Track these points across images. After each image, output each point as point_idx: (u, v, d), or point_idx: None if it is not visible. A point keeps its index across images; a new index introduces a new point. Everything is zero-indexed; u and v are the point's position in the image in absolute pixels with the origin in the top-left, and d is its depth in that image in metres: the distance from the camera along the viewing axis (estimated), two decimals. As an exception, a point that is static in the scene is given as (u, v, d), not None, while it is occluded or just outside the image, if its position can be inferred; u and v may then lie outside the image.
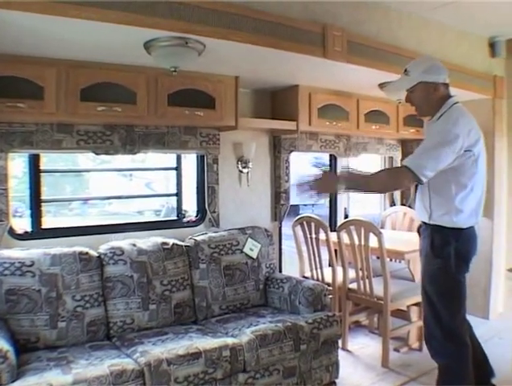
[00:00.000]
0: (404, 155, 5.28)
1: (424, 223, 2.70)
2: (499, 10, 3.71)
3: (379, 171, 2.68)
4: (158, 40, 2.58)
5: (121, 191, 6.98)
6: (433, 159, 2.40)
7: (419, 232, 2.84)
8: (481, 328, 3.49)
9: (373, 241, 3.63)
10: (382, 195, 5.34)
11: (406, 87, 2.66)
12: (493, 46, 4.55)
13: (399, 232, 4.83)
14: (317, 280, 4.09)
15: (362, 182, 2.55)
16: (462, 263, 2.59)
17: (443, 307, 2.61)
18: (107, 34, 2.47)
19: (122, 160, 4.03)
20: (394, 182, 2.54)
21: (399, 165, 2.40)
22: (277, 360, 2.92)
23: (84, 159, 5.24)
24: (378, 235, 3.55)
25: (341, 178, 2.60)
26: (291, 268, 4.52)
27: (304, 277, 4.25)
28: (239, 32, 2.68)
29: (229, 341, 2.79)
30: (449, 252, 2.54)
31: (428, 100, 2.62)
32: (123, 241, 3.23)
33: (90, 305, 2.92)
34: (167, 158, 3.95)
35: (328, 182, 2.57)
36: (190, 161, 3.94)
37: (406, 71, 2.65)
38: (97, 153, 3.31)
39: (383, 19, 3.50)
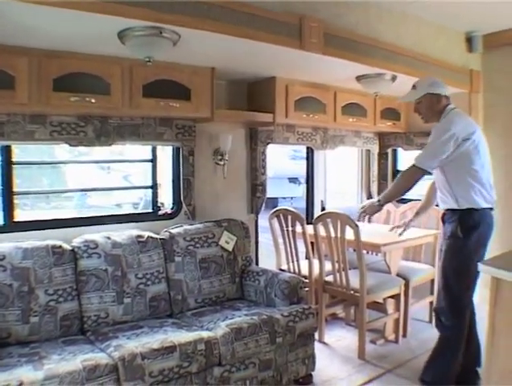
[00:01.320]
0: (381, 148, 5.32)
1: (451, 209, 3.02)
2: (476, 5, 3.72)
3: (399, 175, 3.15)
4: (132, 30, 2.54)
5: (98, 184, 6.87)
6: (433, 152, 2.92)
7: (443, 219, 3.16)
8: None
9: (349, 234, 3.64)
10: (359, 187, 5.38)
11: (415, 97, 3.11)
12: (469, 41, 4.57)
13: (376, 224, 4.85)
14: (294, 272, 4.10)
15: (393, 191, 3.16)
16: (481, 246, 2.97)
17: (456, 283, 2.99)
18: (80, 22, 2.41)
19: (100, 152, 3.96)
20: (409, 179, 3.03)
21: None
22: (253, 353, 2.91)
23: (62, 151, 5.14)
24: (355, 227, 3.56)
25: (379, 197, 3.21)
26: (268, 260, 4.51)
27: (281, 269, 4.24)
28: (215, 22, 2.64)
29: (204, 334, 2.77)
30: (474, 235, 2.92)
31: (433, 109, 3.08)
32: (97, 234, 3.18)
33: (63, 300, 2.87)
34: (146, 150, 3.89)
35: (372, 205, 3.23)
36: (167, 153, 3.90)
37: (414, 86, 3.14)
38: (70, 145, 3.25)
39: (362, 12, 3.48)
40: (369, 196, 5.30)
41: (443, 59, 4.20)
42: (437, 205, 3.33)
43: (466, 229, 2.92)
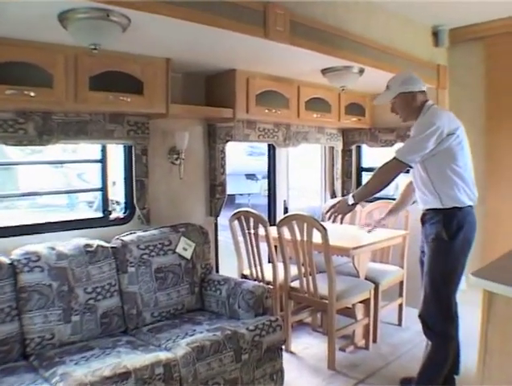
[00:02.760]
0: (345, 145, 5.13)
1: (433, 209, 2.89)
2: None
3: (376, 170, 2.90)
4: (75, 12, 2.20)
5: (51, 183, 6.55)
6: (417, 146, 2.75)
7: (423, 220, 3.02)
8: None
9: (316, 237, 3.41)
10: (322, 185, 5.18)
11: (389, 99, 3.01)
12: (436, 35, 4.48)
13: (341, 225, 4.64)
14: (257, 278, 3.86)
15: (369, 187, 2.92)
16: (467, 246, 2.87)
17: (444, 285, 2.86)
18: (14, 3, 2.07)
19: (53, 150, 3.62)
20: (389, 173, 2.84)
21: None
22: (217, 373, 2.64)
23: (14, 149, 4.80)
24: (322, 231, 3.33)
25: (353, 195, 2.93)
26: (228, 261, 4.25)
27: (243, 275, 4.00)
28: (170, 6, 2.32)
29: (163, 356, 2.48)
30: (460, 235, 2.80)
31: (409, 108, 2.95)
32: (40, 245, 2.82)
33: (1, 321, 2.50)
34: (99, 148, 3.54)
35: (344, 203, 2.96)
36: (120, 150, 3.57)
37: (387, 87, 3.01)
38: (7, 144, 2.89)
39: (329, 2, 3.25)
40: (333, 195, 5.11)
41: (411, 53, 4.04)
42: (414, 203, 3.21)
43: (451, 231, 2.80)
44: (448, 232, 2.80)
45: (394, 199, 3.68)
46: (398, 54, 3.84)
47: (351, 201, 2.91)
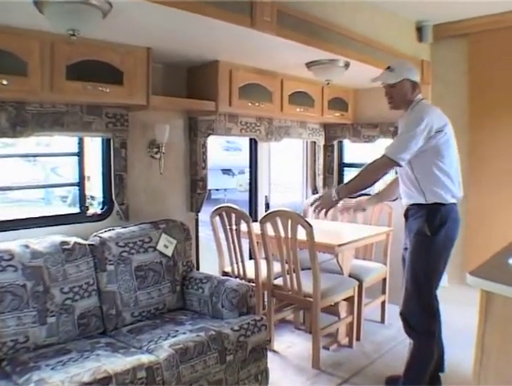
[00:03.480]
0: (327, 140, 5.06)
1: (417, 204, 2.86)
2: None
3: (365, 166, 2.86)
4: (52, -5, 2.07)
5: (23, 177, 6.34)
6: (407, 143, 2.69)
7: (406, 215, 3.00)
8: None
9: (300, 234, 3.33)
10: (304, 181, 5.11)
11: (394, 80, 2.87)
12: (420, 30, 4.48)
13: (323, 221, 4.59)
14: (238, 275, 3.77)
15: (356, 183, 2.86)
16: (449, 242, 2.83)
17: (426, 282, 2.83)
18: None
19: (26, 142, 3.40)
20: (378, 170, 2.79)
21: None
22: (200, 376, 2.53)
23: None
24: (308, 228, 3.25)
25: (337, 189, 2.89)
26: (209, 258, 4.15)
27: (224, 272, 3.90)
28: (153, -9, 2.21)
29: (145, 359, 2.36)
30: (442, 231, 2.76)
31: (406, 96, 2.89)
32: (13, 242, 2.67)
33: (-29, 324, 2.37)
34: (75, 142, 3.38)
35: (329, 198, 2.91)
36: (98, 143, 3.43)
37: (389, 68, 2.92)
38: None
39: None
40: (315, 190, 5.04)
41: (396, 48, 4.01)
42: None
43: (433, 226, 2.77)
44: (431, 228, 2.77)
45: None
46: (383, 48, 3.80)
47: (335, 197, 2.85)
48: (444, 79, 4.60)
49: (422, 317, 2.84)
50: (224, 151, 12.42)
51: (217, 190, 12.37)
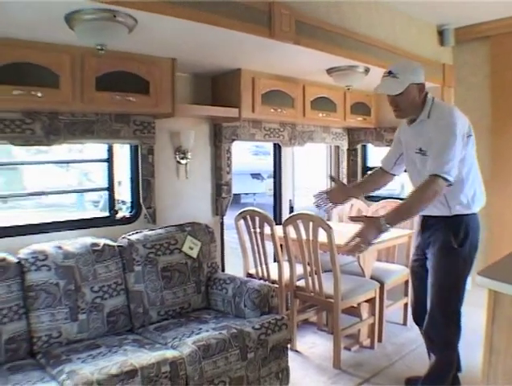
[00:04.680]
0: (351, 144, 5.13)
1: (439, 216, 2.70)
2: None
3: (412, 192, 2.56)
4: (82, 13, 2.22)
5: (57, 182, 6.57)
6: (452, 156, 2.44)
7: (423, 226, 2.84)
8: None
9: (321, 236, 3.41)
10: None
11: (399, 90, 2.59)
12: (441, 34, 4.50)
13: (347, 224, 4.66)
14: (262, 277, 3.86)
15: (404, 211, 2.55)
16: (474, 251, 2.72)
17: (454, 294, 2.72)
18: (21, 5, 2.09)
19: (59, 149, 3.63)
20: (434, 194, 2.47)
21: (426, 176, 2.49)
22: (222, 372, 2.65)
23: (19, 150, 4.84)
24: (328, 230, 3.33)
25: (388, 219, 2.47)
26: (234, 261, 4.26)
27: (249, 274, 4.00)
28: (176, 6, 2.34)
29: (169, 354, 2.49)
30: (467, 241, 2.65)
31: (415, 102, 2.65)
32: (47, 243, 2.85)
33: (8, 320, 2.53)
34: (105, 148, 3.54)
35: (373, 229, 2.46)
36: (127, 149, 3.58)
37: (391, 73, 2.62)
38: (15, 144, 2.91)
39: (334, 1, 3.26)
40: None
41: (416, 52, 4.04)
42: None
43: (459, 238, 2.65)
44: (457, 239, 2.65)
45: (400, 199, 3.67)
46: (403, 53, 3.83)
47: (385, 227, 2.44)
48: (467, 82, 4.62)
49: (447, 331, 2.75)
50: (253, 155, 12.53)
51: (247, 194, 12.46)
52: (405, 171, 3.01)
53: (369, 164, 5.25)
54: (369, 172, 3.28)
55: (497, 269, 2.04)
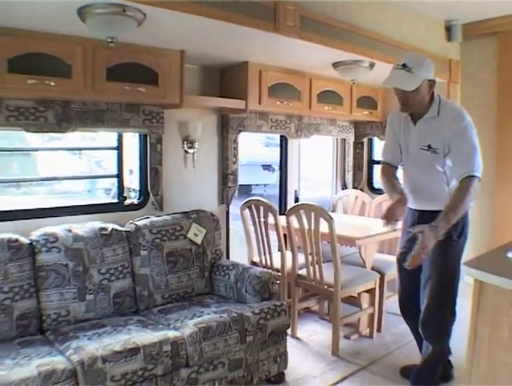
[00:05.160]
0: (357, 137, 5.20)
1: (438, 211, 2.61)
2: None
3: (455, 197, 2.57)
4: (93, 7, 2.33)
5: (69, 170, 6.70)
6: (479, 156, 2.58)
7: (421, 220, 2.76)
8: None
9: (323, 226, 3.51)
10: (334, 177, 5.27)
11: (414, 86, 2.56)
12: (449, 30, 4.54)
13: (351, 216, 4.75)
14: (266, 265, 3.97)
15: (453, 216, 2.52)
16: (466, 242, 2.82)
17: (454, 285, 2.81)
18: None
19: (72, 136, 3.72)
20: (471, 195, 2.55)
21: (461, 178, 2.56)
22: (222, 353, 2.77)
23: (32, 136, 4.98)
24: (329, 220, 3.43)
25: (441, 225, 2.46)
26: (241, 249, 4.37)
27: (253, 262, 4.11)
28: (183, 1, 2.44)
29: (170, 334, 2.62)
30: (464, 233, 2.76)
31: (424, 98, 2.66)
32: (58, 227, 2.98)
33: (20, 298, 2.66)
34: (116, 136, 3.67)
35: (433, 238, 2.43)
36: (136, 140, 3.70)
37: (406, 67, 2.55)
38: (28, 131, 3.03)
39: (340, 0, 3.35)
40: (344, 186, 5.19)
41: (422, 48, 4.09)
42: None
43: (458, 230, 2.72)
44: (456, 232, 2.70)
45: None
46: (410, 48, 3.88)
47: (441, 234, 2.45)
48: (474, 78, 4.67)
49: (445, 321, 2.83)
50: (264, 147, 12.59)
51: (257, 185, 12.54)
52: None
53: (375, 157, 5.32)
54: (386, 174, 3.01)
55: (483, 261, 2.13)
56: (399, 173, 3.04)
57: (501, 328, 1.91)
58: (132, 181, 3.80)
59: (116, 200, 3.67)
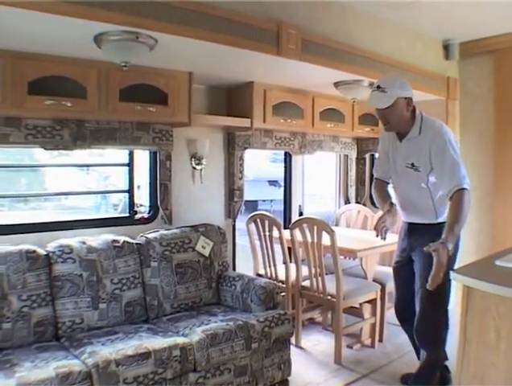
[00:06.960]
0: (359, 153, 5.35)
1: (426, 224, 2.88)
2: (453, 14, 3.81)
3: (453, 211, 2.65)
4: (108, 34, 2.52)
5: (77, 185, 6.83)
6: (462, 168, 2.71)
7: (409, 232, 3.03)
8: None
9: (326, 239, 3.65)
10: (337, 192, 5.41)
11: (388, 104, 2.72)
12: (446, 48, 4.67)
13: (353, 229, 4.89)
14: (271, 277, 4.10)
15: (458, 229, 2.62)
16: (457, 253, 2.84)
17: (447, 294, 2.88)
18: (56, 26, 2.37)
19: (80, 154, 3.91)
20: (467, 206, 2.65)
21: (452, 191, 2.68)
22: (228, 359, 2.91)
23: (41, 152, 5.12)
24: (331, 233, 3.57)
25: (450, 241, 2.54)
26: (247, 263, 4.51)
27: (258, 274, 4.25)
28: (192, 28, 2.63)
29: (179, 340, 2.76)
30: (455, 245, 2.69)
31: (403, 116, 2.79)
32: (72, 239, 3.15)
33: (37, 305, 2.83)
34: (125, 153, 3.83)
35: (446, 255, 2.49)
36: (146, 155, 3.87)
37: (380, 88, 2.73)
38: (46, 149, 3.21)
39: (339, 18, 3.52)
40: (347, 201, 5.33)
41: (421, 66, 4.26)
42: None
43: None
44: None
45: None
46: (408, 67, 4.04)
47: (451, 247, 2.52)
48: (472, 94, 4.78)
49: (438, 329, 2.93)
50: (271, 163, 12.74)
51: (264, 201, 12.67)
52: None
53: (377, 173, 5.45)
54: (378, 188, 3.17)
55: (471, 268, 2.26)
56: (390, 188, 3.19)
57: (489, 330, 2.04)
58: (140, 196, 3.94)
59: (127, 214, 3.83)
